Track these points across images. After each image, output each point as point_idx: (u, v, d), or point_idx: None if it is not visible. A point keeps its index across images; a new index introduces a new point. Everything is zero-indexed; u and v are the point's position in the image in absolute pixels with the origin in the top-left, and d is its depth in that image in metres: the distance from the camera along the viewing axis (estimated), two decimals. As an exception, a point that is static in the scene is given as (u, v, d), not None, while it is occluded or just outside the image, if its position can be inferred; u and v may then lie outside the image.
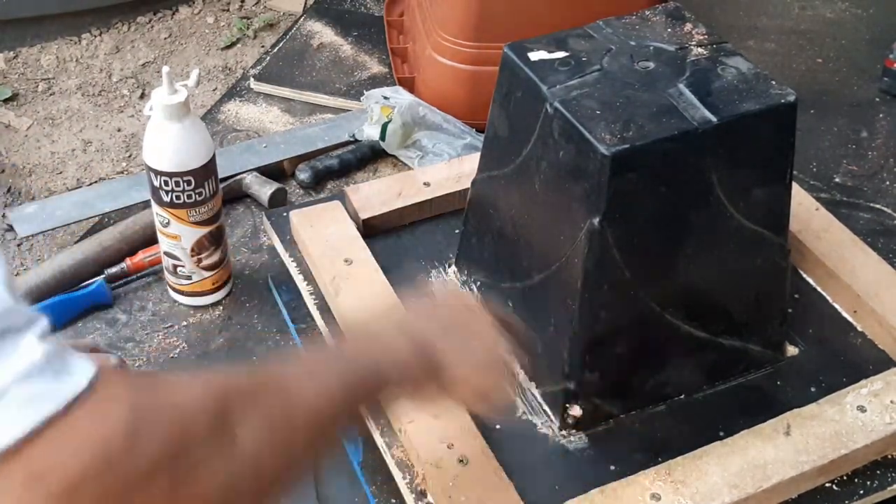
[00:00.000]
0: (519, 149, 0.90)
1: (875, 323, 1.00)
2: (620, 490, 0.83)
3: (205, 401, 0.54)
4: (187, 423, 0.52)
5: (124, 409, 0.49)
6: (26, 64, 2.04)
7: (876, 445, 0.88)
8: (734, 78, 0.87)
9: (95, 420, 0.48)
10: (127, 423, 0.49)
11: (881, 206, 1.25)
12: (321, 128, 1.38)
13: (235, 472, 0.54)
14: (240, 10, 2.21)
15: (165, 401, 0.52)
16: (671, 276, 0.88)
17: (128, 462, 0.48)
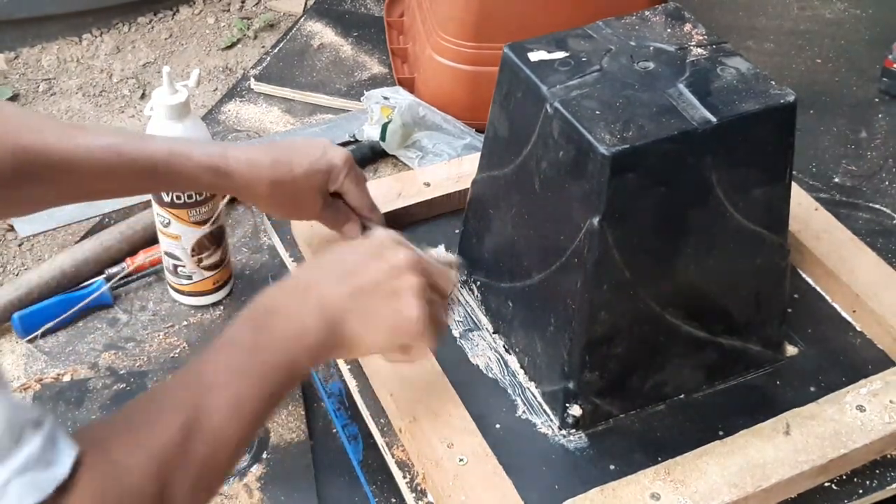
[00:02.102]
0: (519, 149, 0.91)
1: (874, 323, 1.00)
2: (620, 489, 0.83)
3: (149, 474, 0.61)
4: (136, 499, 0.60)
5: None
6: (27, 64, 2.04)
7: (875, 445, 0.88)
8: (734, 78, 0.87)
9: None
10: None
11: (880, 206, 1.25)
12: (321, 128, 1.38)
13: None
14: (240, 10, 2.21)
15: (116, 470, 0.59)
16: (671, 276, 0.88)
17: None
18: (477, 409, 0.90)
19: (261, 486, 0.92)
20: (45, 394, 1.00)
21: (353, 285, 0.76)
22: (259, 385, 0.69)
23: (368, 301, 0.76)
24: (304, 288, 0.76)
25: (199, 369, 0.69)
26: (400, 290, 0.77)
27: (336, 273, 0.77)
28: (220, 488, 0.68)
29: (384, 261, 0.78)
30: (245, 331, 0.72)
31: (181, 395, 0.67)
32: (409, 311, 0.77)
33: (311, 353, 0.73)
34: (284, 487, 0.92)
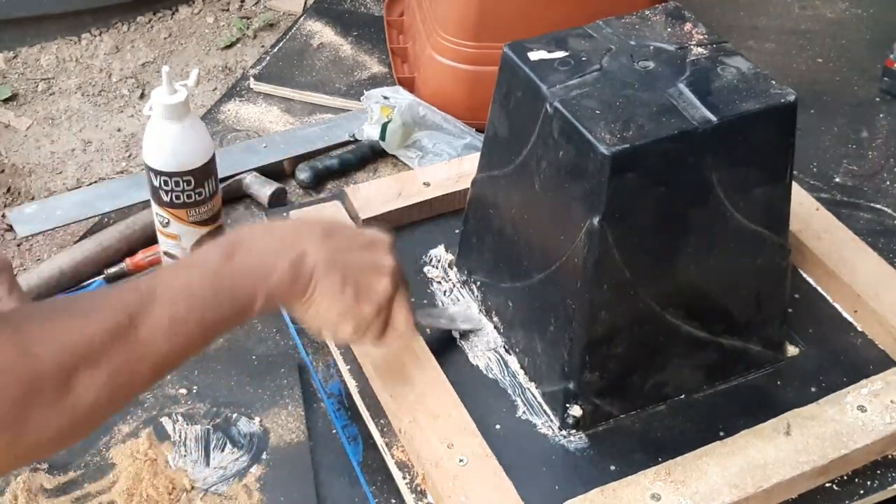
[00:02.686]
0: (519, 149, 0.90)
1: (875, 323, 1.00)
2: (620, 490, 0.83)
3: (56, 363, 0.61)
4: (34, 384, 0.59)
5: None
6: (26, 64, 2.04)
7: (876, 445, 0.88)
8: (734, 78, 0.87)
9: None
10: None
11: (881, 206, 1.25)
12: (321, 128, 1.38)
13: (70, 422, 0.62)
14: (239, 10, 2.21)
15: (22, 357, 0.59)
16: (671, 275, 0.88)
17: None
18: (477, 410, 0.89)
19: (260, 487, 0.92)
20: (44, 394, 1.00)
21: (334, 255, 0.78)
22: (205, 309, 0.69)
23: (340, 272, 0.78)
24: (286, 234, 0.77)
25: (152, 279, 0.69)
26: (374, 292, 0.81)
27: (324, 239, 0.78)
28: (128, 401, 0.67)
29: (371, 254, 0.81)
30: (213, 254, 0.73)
31: (123, 297, 0.67)
32: (375, 291, 0.80)
33: (269, 293, 0.74)
34: (284, 488, 0.92)
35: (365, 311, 0.81)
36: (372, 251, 0.82)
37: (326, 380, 0.99)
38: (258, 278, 0.73)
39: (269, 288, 0.74)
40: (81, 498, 0.91)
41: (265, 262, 0.74)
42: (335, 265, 0.78)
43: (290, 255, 0.76)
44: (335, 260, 0.78)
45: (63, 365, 0.61)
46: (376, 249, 0.82)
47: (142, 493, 0.91)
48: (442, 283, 1.05)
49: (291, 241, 0.77)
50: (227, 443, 0.96)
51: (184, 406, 0.99)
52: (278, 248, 0.76)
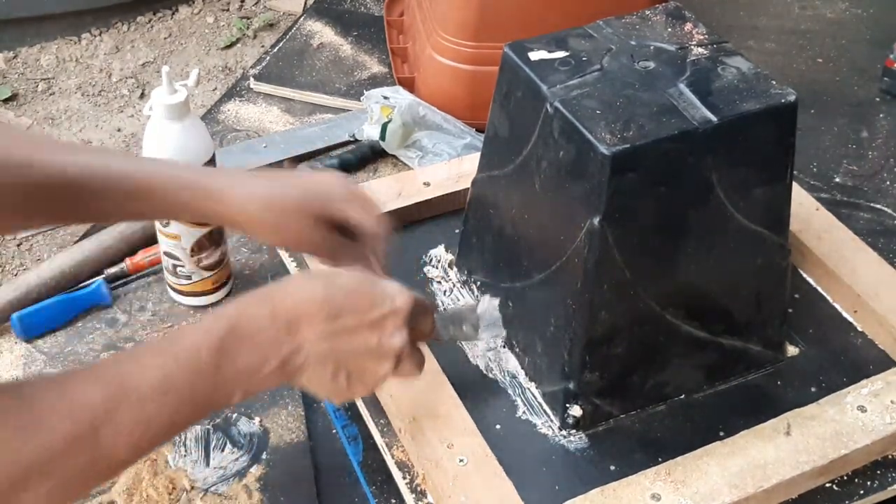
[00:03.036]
0: (519, 149, 0.90)
1: (875, 323, 1.00)
2: (620, 490, 0.83)
3: (4, 478, 0.57)
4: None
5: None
6: (26, 64, 2.04)
7: (876, 445, 0.88)
8: (734, 78, 0.87)
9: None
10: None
11: (881, 206, 1.25)
12: (321, 128, 1.38)
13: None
14: (239, 9, 2.21)
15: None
16: (671, 275, 0.88)
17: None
18: (477, 410, 0.89)
19: (260, 487, 0.92)
20: (44, 394, 1.00)
21: (333, 345, 0.72)
22: (177, 411, 0.65)
23: (333, 363, 0.73)
24: (286, 320, 0.70)
25: (126, 362, 0.65)
26: (371, 376, 0.75)
27: (327, 323, 0.72)
28: (79, 499, 0.65)
29: (378, 335, 0.74)
30: (202, 342, 0.67)
31: (87, 396, 0.61)
32: (371, 375, 0.75)
33: (249, 391, 0.70)
34: (284, 488, 0.92)
35: (356, 393, 0.76)
36: (380, 330, 0.74)
37: (326, 380, 0.99)
38: (245, 376, 0.68)
39: (251, 385, 0.69)
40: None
41: (256, 358, 0.69)
42: (329, 357, 0.72)
43: (284, 351, 0.70)
44: (332, 350, 0.72)
45: (13, 480, 0.57)
46: (385, 328, 0.74)
47: (142, 493, 0.91)
48: (442, 283, 1.05)
49: (290, 329, 0.70)
50: (227, 443, 0.96)
51: (184, 406, 0.99)
52: (273, 341, 0.70)
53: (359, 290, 0.75)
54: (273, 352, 0.70)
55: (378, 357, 0.75)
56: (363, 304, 0.74)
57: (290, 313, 0.71)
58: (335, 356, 0.73)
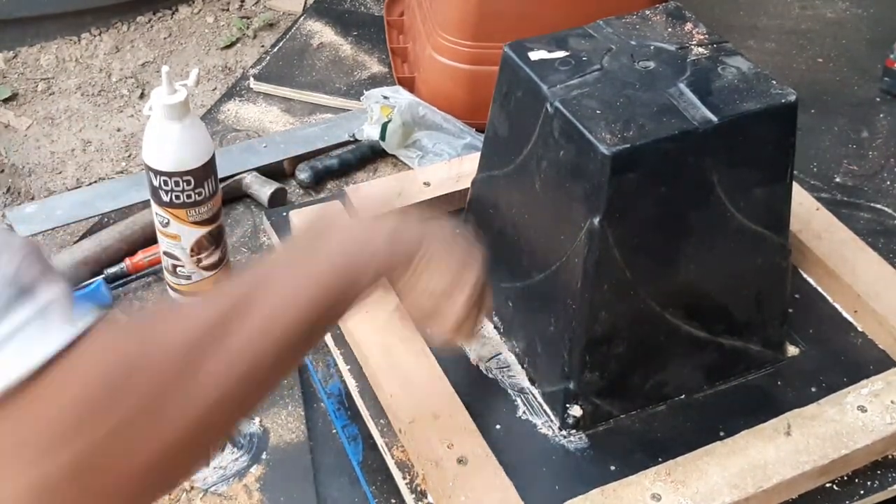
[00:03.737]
0: (519, 148, 0.90)
1: (875, 323, 1.00)
2: (621, 490, 0.83)
3: (179, 347, 0.58)
4: (160, 375, 0.56)
5: (106, 361, 0.54)
6: (26, 64, 2.04)
7: (876, 446, 0.88)
8: (735, 77, 0.87)
9: (76, 373, 0.53)
10: (107, 376, 0.54)
11: (882, 205, 1.25)
12: (321, 127, 1.38)
13: (200, 418, 0.57)
14: (239, 9, 2.21)
15: (144, 353, 0.56)
16: (671, 275, 0.88)
17: (105, 415, 0.53)
18: (477, 410, 0.89)
19: (260, 487, 0.92)
20: (44, 394, 1.00)
21: (430, 231, 0.76)
22: (320, 275, 0.67)
23: (439, 241, 0.76)
24: (368, 221, 0.76)
25: (252, 273, 0.67)
26: (467, 265, 0.79)
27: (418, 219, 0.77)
28: (259, 397, 0.64)
29: (464, 260, 0.79)
30: (301, 238, 0.73)
31: (234, 283, 0.66)
32: (475, 259, 0.79)
33: (376, 266, 0.71)
34: (284, 488, 0.92)
35: (469, 279, 0.79)
36: (465, 261, 0.80)
37: (326, 380, 0.99)
38: (361, 247, 0.71)
39: (374, 257, 0.71)
40: (81, 498, 0.91)
41: (363, 234, 0.73)
42: (434, 237, 0.76)
43: (387, 226, 0.74)
44: (433, 234, 0.77)
45: (188, 348, 0.58)
46: (469, 262, 0.80)
47: (142, 493, 0.91)
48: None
49: (379, 220, 0.75)
50: (226, 443, 0.96)
51: (184, 406, 0.99)
52: (369, 225, 0.75)
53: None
54: (376, 228, 0.74)
55: (470, 256, 0.79)
56: (450, 237, 0.80)
57: (367, 218, 0.81)
58: (438, 237, 0.76)
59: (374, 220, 0.76)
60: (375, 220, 0.76)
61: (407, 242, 0.75)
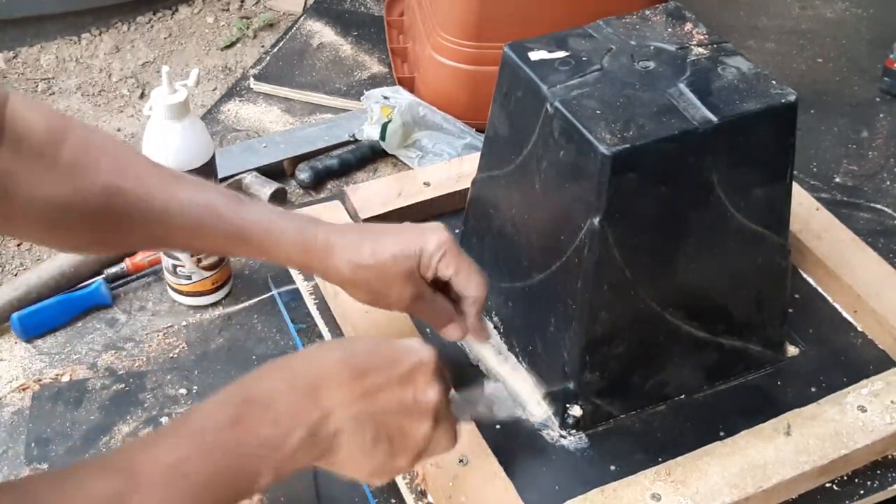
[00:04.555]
0: (519, 148, 0.90)
1: (875, 323, 1.00)
2: (621, 490, 0.83)
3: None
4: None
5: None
6: (26, 64, 2.04)
7: (876, 445, 0.88)
8: (734, 78, 0.87)
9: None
10: None
11: (881, 206, 1.25)
12: (321, 128, 1.38)
13: None
14: (239, 9, 2.21)
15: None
16: (671, 275, 0.88)
17: None
18: (477, 410, 0.89)
19: (260, 487, 0.92)
20: (44, 394, 1.00)
21: (365, 406, 0.66)
22: (199, 495, 0.59)
23: (371, 428, 0.66)
24: (307, 387, 0.65)
25: (140, 450, 0.60)
26: (412, 439, 0.68)
27: (353, 384, 0.66)
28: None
29: (410, 390, 0.68)
30: (218, 417, 0.62)
31: (97, 486, 0.56)
32: (413, 438, 0.68)
33: (278, 469, 0.63)
34: (284, 488, 0.92)
35: (400, 465, 0.69)
36: (413, 384, 0.68)
37: (326, 380, 0.99)
38: (267, 452, 0.63)
39: (278, 463, 0.63)
40: (81, 498, 0.91)
41: (278, 428, 0.63)
42: (365, 421, 0.66)
43: (310, 419, 0.64)
44: (365, 414, 0.66)
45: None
46: (416, 381, 0.68)
47: (142, 493, 0.91)
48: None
49: (312, 396, 0.65)
50: None
51: (183, 406, 0.99)
52: (296, 409, 0.64)
53: (378, 348, 0.69)
54: (297, 419, 0.63)
55: (416, 414, 0.68)
56: (387, 360, 0.68)
57: (310, 378, 0.66)
58: (371, 417, 0.66)
59: (301, 395, 0.65)
60: (302, 392, 0.65)
61: (326, 440, 0.65)
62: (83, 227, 0.80)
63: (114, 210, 0.80)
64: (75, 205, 0.78)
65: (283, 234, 0.84)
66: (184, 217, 0.81)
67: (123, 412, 0.98)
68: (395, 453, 0.68)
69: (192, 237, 0.84)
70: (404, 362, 0.69)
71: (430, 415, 0.68)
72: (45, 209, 0.77)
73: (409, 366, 0.68)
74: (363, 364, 0.67)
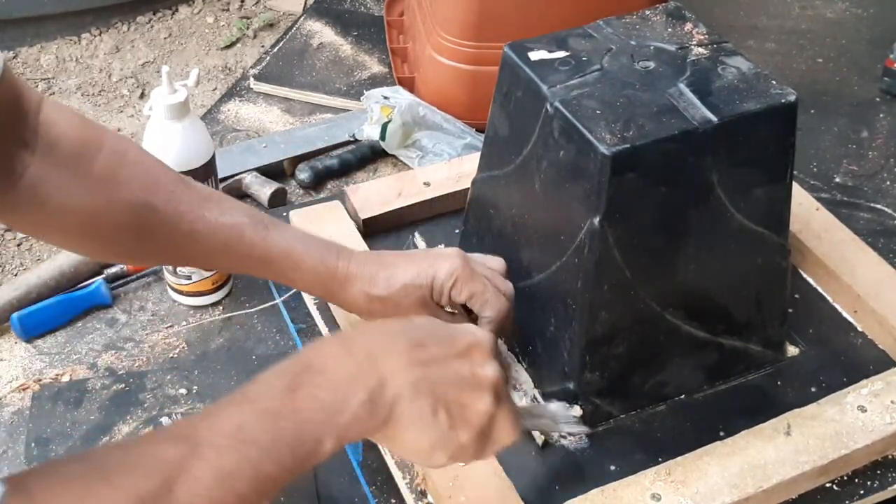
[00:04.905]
0: (519, 148, 0.90)
1: (875, 323, 1.00)
2: (621, 490, 0.83)
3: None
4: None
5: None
6: (26, 64, 2.04)
7: (876, 445, 0.88)
8: (734, 78, 0.87)
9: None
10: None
11: (881, 206, 1.25)
12: (321, 128, 1.38)
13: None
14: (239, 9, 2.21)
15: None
16: (671, 275, 0.88)
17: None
18: (477, 410, 0.89)
19: (260, 487, 0.92)
20: (44, 394, 1.00)
21: (423, 375, 0.65)
22: (261, 460, 0.60)
23: (430, 396, 0.65)
24: (364, 353, 0.65)
25: (199, 420, 0.60)
26: (473, 411, 0.66)
27: (410, 354, 0.66)
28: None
29: (469, 364, 0.67)
30: (274, 385, 0.62)
31: (159, 452, 0.57)
32: (474, 412, 0.66)
33: (340, 435, 0.63)
34: (284, 488, 0.92)
35: (462, 439, 0.66)
36: (470, 359, 0.68)
37: (326, 380, 0.99)
38: (327, 416, 0.62)
39: (339, 427, 0.62)
40: (81, 498, 0.91)
41: (337, 393, 0.62)
42: (424, 389, 0.65)
43: (368, 384, 0.63)
44: (424, 381, 0.65)
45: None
46: (474, 356, 0.68)
47: (142, 493, 0.91)
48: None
49: (370, 363, 0.64)
50: None
51: (184, 406, 0.99)
52: (354, 374, 0.64)
53: (436, 326, 0.70)
54: (356, 384, 0.63)
55: (475, 388, 0.67)
56: (444, 336, 0.69)
57: (367, 346, 0.66)
58: (430, 385, 0.65)
59: (357, 363, 0.64)
60: (358, 360, 0.64)
61: (385, 406, 0.64)
62: (113, 238, 0.83)
63: (143, 226, 0.82)
64: (106, 217, 0.81)
65: (304, 262, 0.87)
66: (210, 238, 0.85)
67: (123, 412, 0.98)
68: (456, 426, 0.66)
69: (217, 258, 0.88)
70: (461, 340, 0.69)
71: (490, 390, 0.67)
72: (77, 219, 0.80)
73: (466, 343, 0.68)
74: (421, 336, 0.67)
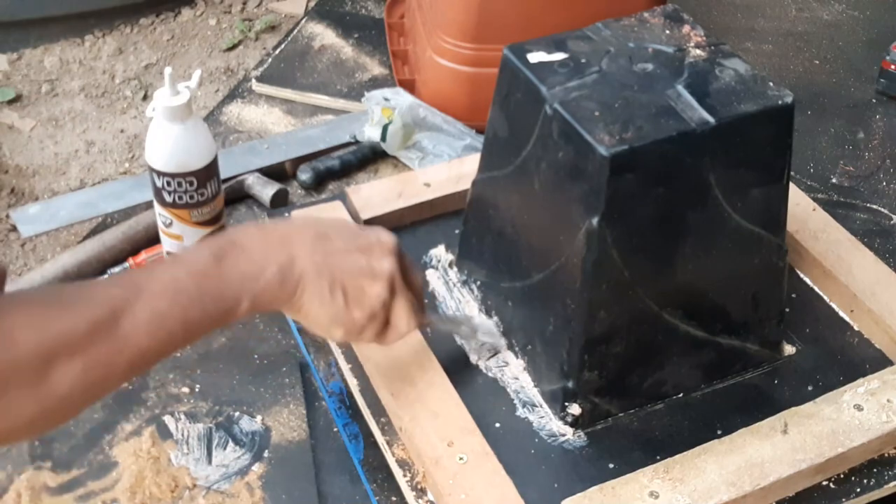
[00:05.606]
0: (518, 150, 0.91)
1: (872, 322, 1.00)
2: (619, 488, 0.84)
3: (34, 350, 0.62)
4: (12, 369, 0.61)
5: None
6: (30, 65, 2.05)
7: (873, 444, 0.88)
8: (732, 79, 0.88)
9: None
10: None
11: (878, 206, 1.26)
12: (322, 129, 1.39)
13: (42, 410, 0.63)
14: (241, 12, 2.22)
15: (2, 342, 0.61)
16: (669, 275, 0.89)
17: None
18: (477, 409, 0.90)
19: (262, 485, 0.93)
20: (48, 393, 1.01)
21: (325, 259, 0.78)
22: (189, 307, 0.70)
23: (328, 277, 0.78)
24: (278, 237, 0.78)
25: (139, 273, 0.72)
26: (367, 297, 0.80)
27: (316, 242, 0.79)
28: (103, 394, 0.68)
29: (366, 258, 0.81)
30: (203, 253, 0.74)
31: (108, 291, 0.68)
32: (367, 296, 0.80)
33: (255, 298, 0.75)
34: (285, 486, 0.93)
35: (356, 316, 0.81)
36: (368, 254, 0.81)
37: (328, 378, 1.00)
38: (245, 281, 0.74)
39: (255, 292, 0.75)
40: (85, 496, 0.92)
41: (254, 265, 0.75)
42: (324, 270, 0.78)
43: (279, 259, 0.76)
44: (325, 264, 0.78)
45: (42, 352, 0.62)
46: (373, 252, 0.81)
47: (145, 491, 0.91)
48: (442, 283, 1.06)
49: (283, 244, 0.77)
50: (229, 441, 0.96)
51: (186, 405, 1.00)
52: (269, 251, 0.76)
53: (344, 225, 0.83)
54: (270, 259, 0.76)
55: (371, 277, 0.80)
56: (349, 232, 0.82)
57: (281, 232, 0.79)
58: (329, 269, 0.78)
59: (272, 244, 0.77)
60: (273, 242, 0.77)
61: (292, 280, 0.77)
62: None
63: None
64: None
65: None
66: None
67: (126, 411, 0.99)
68: (350, 305, 0.80)
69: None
70: (364, 237, 0.82)
71: (385, 282, 0.81)
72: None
73: (368, 241, 0.82)
74: (327, 230, 0.81)
